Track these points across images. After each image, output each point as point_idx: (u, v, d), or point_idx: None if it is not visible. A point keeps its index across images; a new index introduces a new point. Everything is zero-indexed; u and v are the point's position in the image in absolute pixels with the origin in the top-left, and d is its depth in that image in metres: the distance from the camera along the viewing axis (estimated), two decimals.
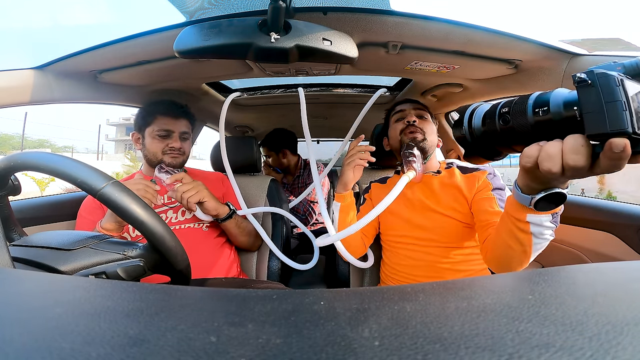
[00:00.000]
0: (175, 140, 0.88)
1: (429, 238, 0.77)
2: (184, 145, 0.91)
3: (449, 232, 0.76)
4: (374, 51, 0.78)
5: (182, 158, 0.91)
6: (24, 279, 0.23)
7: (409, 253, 0.80)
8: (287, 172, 1.70)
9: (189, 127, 0.93)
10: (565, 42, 0.70)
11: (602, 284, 0.20)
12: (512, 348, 0.13)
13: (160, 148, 0.87)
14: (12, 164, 0.38)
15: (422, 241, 0.78)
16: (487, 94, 1.04)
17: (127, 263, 0.40)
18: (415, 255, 0.79)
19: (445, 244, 0.76)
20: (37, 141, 21.86)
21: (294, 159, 1.67)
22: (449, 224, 0.76)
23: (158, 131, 0.87)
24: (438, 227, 0.76)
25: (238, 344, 0.14)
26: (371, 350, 0.13)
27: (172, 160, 0.88)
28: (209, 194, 0.81)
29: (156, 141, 0.87)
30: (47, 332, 0.14)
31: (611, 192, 7.72)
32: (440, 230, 0.76)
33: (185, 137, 0.91)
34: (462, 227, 0.75)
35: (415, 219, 0.80)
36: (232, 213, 0.86)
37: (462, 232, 0.75)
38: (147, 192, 0.72)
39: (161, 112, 0.88)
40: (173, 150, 0.88)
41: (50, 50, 2.12)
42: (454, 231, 0.75)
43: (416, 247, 0.78)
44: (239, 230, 0.89)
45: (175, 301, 0.19)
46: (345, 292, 0.20)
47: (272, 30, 0.55)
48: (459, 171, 0.81)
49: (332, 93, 1.29)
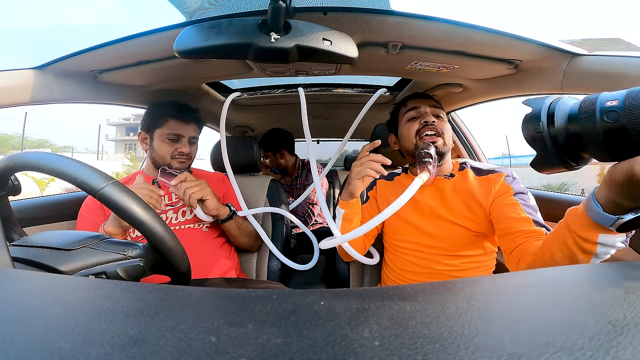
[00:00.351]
0: (185, 145, 0.88)
1: (437, 246, 0.74)
2: (192, 150, 0.91)
3: (458, 240, 0.72)
4: (374, 51, 0.78)
5: (188, 162, 0.91)
6: (24, 279, 0.23)
7: (414, 259, 0.76)
8: (285, 172, 1.69)
9: (198, 132, 0.94)
10: (565, 42, 0.70)
11: (602, 284, 0.20)
12: (511, 348, 0.13)
13: (169, 152, 0.87)
14: (12, 164, 0.38)
15: (429, 249, 0.74)
16: (487, 94, 1.04)
17: (127, 263, 0.40)
18: (420, 262, 0.75)
19: (452, 252, 0.73)
20: (37, 141, 21.87)
21: (291, 159, 1.66)
22: (458, 233, 0.72)
23: (168, 134, 0.87)
24: (447, 235, 0.73)
25: (238, 344, 0.14)
26: (371, 350, 0.13)
27: (179, 165, 0.88)
28: (211, 192, 0.81)
29: (165, 144, 0.87)
30: (47, 332, 0.14)
31: None
32: (449, 239, 0.73)
33: (193, 141, 0.92)
34: (472, 236, 0.72)
35: (424, 226, 0.75)
36: (233, 214, 0.86)
37: (471, 241, 0.72)
38: (152, 198, 0.71)
39: (173, 115, 0.87)
40: (182, 155, 0.88)
41: (50, 50, 2.11)
42: (464, 240, 0.72)
43: (422, 254, 0.75)
44: (240, 231, 0.89)
45: (175, 301, 0.19)
46: (345, 292, 0.20)
47: (272, 30, 0.55)
48: (472, 173, 0.75)
49: (332, 93, 1.29)
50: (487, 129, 75.69)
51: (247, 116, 1.63)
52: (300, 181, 1.65)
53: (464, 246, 0.72)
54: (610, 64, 0.66)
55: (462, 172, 0.77)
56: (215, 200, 0.82)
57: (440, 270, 0.73)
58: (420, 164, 0.66)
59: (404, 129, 0.78)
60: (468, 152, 1.44)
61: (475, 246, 0.73)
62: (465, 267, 0.73)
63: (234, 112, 1.50)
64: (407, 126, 0.77)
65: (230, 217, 0.85)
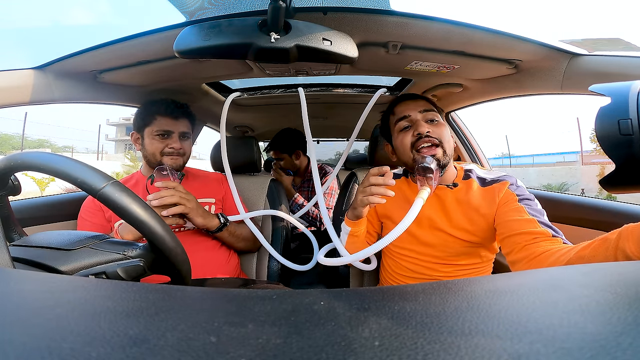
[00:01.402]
0: (175, 141, 0.87)
1: (433, 254, 0.73)
2: (184, 146, 0.90)
3: (455, 251, 0.71)
4: (374, 51, 0.78)
5: (182, 159, 0.90)
6: (24, 279, 0.23)
7: (410, 265, 0.77)
8: (297, 174, 1.65)
9: (190, 127, 0.93)
10: (565, 42, 0.70)
11: (602, 284, 0.20)
12: (511, 348, 0.13)
13: (159, 149, 0.86)
14: (12, 164, 0.38)
15: (425, 256, 0.74)
16: (487, 94, 1.04)
17: (127, 263, 0.40)
18: (416, 269, 0.76)
19: (449, 261, 0.73)
20: (37, 141, 21.83)
21: (305, 160, 1.63)
22: (457, 244, 0.71)
23: (157, 131, 0.86)
24: (444, 245, 0.72)
25: (238, 344, 0.14)
26: (371, 350, 0.13)
27: (171, 162, 0.87)
28: (195, 209, 0.78)
29: (155, 141, 0.86)
30: (47, 332, 0.14)
31: (611, 192, 7.70)
32: (445, 249, 0.72)
33: (185, 137, 0.91)
34: (468, 247, 0.71)
35: (421, 235, 0.74)
36: (223, 226, 0.84)
37: (467, 252, 0.71)
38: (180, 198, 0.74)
39: (161, 112, 0.87)
40: (173, 151, 0.87)
41: (50, 50, 2.12)
42: (459, 250, 0.71)
43: (418, 262, 0.75)
44: (234, 239, 0.89)
45: (175, 301, 0.19)
46: (345, 292, 0.20)
47: (272, 30, 0.55)
48: (477, 183, 0.71)
49: (332, 93, 1.29)
50: (487, 129, 75.73)
51: (247, 116, 1.63)
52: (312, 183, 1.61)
53: (460, 256, 0.72)
54: (610, 64, 0.66)
55: (466, 181, 0.72)
56: (199, 217, 0.79)
57: (435, 276, 0.73)
58: (420, 178, 0.62)
59: (398, 141, 0.72)
60: (468, 153, 1.44)
61: (472, 256, 0.72)
62: (462, 274, 0.73)
63: (234, 112, 1.50)
64: (400, 138, 0.71)
65: (220, 230, 0.84)
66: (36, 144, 21.62)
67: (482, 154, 1.45)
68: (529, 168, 13.35)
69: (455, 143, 1.45)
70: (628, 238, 0.38)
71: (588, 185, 8.79)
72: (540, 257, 0.53)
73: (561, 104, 63.69)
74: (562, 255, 0.49)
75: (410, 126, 0.70)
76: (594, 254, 0.42)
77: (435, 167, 0.62)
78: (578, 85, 0.74)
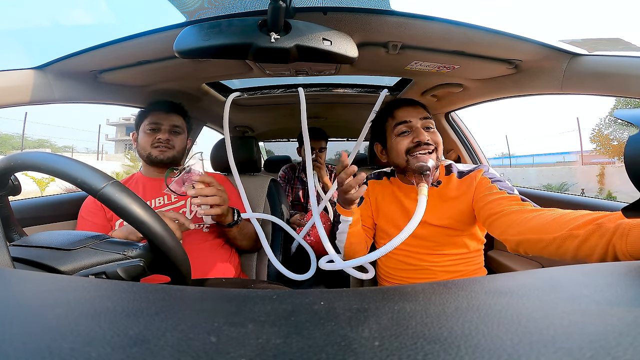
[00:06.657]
0: (164, 133, 0.89)
1: (423, 245, 0.77)
2: (174, 139, 0.91)
3: (443, 240, 0.75)
4: (374, 51, 0.78)
5: (171, 152, 0.90)
6: (24, 279, 0.23)
7: (403, 259, 0.80)
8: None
9: (182, 123, 0.94)
10: (565, 42, 0.70)
11: (602, 284, 0.20)
12: (511, 348, 0.13)
13: (149, 142, 0.88)
14: (12, 164, 0.38)
15: (416, 248, 0.77)
16: (487, 94, 1.04)
17: (127, 263, 0.40)
18: (409, 261, 0.79)
19: (438, 250, 0.76)
20: (37, 141, 21.82)
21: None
22: (444, 233, 0.75)
23: (148, 125, 0.89)
24: (432, 235, 0.76)
25: (238, 344, 0.14)
26: (371, 350, 0.13)
27: (159, 154, 0.88)
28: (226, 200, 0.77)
29: (146, 135, 0.89)
30: (47, 332, 0.14)
31: (611, 192, 7.73)
32: (434, 239, 0.76)
33: (176, 130, 0.92)
34: (454, 236, 0.75)
35: None
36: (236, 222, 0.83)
37: (453, 241, 0.75)
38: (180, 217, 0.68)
39: (153, 109, 0.91)
40: (160, 143, 0.88)
41: (50, 50, 2.12)
42: (449, 239, 0.75)
43: (410, 254, 0.78)
44: (241, 235, 0.89)
45: (175, 301, 0.19)
46: (345, 292, 0.20)
47: (272, 31, 0.55)
48: (456, 177, 0.76)
49: (332, 93, 1.29)
50: (487, 129, 75.66)
51: (247, 116, 1.63)
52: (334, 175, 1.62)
53: (446, 245, 0.76)
54: (610, 64, 0.66)
55: (448, 176, 0.78)
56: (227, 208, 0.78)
57: (425, 266, 0.77)
58: (417, 177, 0.66)
59: (394, 143, 0.74)
60: (468, 153, 1.44)
61: (458, 245, 0.76)
62: (454, 262, 0.76)
63: (234, 112, 1.50)
64: (397, 142, 0.73)
65: (236, 223, 0.83)
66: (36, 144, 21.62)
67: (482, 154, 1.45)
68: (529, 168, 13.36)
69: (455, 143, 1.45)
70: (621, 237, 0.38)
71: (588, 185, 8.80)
72: (516, 212, 0.57)
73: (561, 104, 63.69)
74: (547, 216, 0.51)
75: (408, 132, 0.73)
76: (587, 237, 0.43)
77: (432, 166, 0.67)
78: (578, 85, 0.74)
